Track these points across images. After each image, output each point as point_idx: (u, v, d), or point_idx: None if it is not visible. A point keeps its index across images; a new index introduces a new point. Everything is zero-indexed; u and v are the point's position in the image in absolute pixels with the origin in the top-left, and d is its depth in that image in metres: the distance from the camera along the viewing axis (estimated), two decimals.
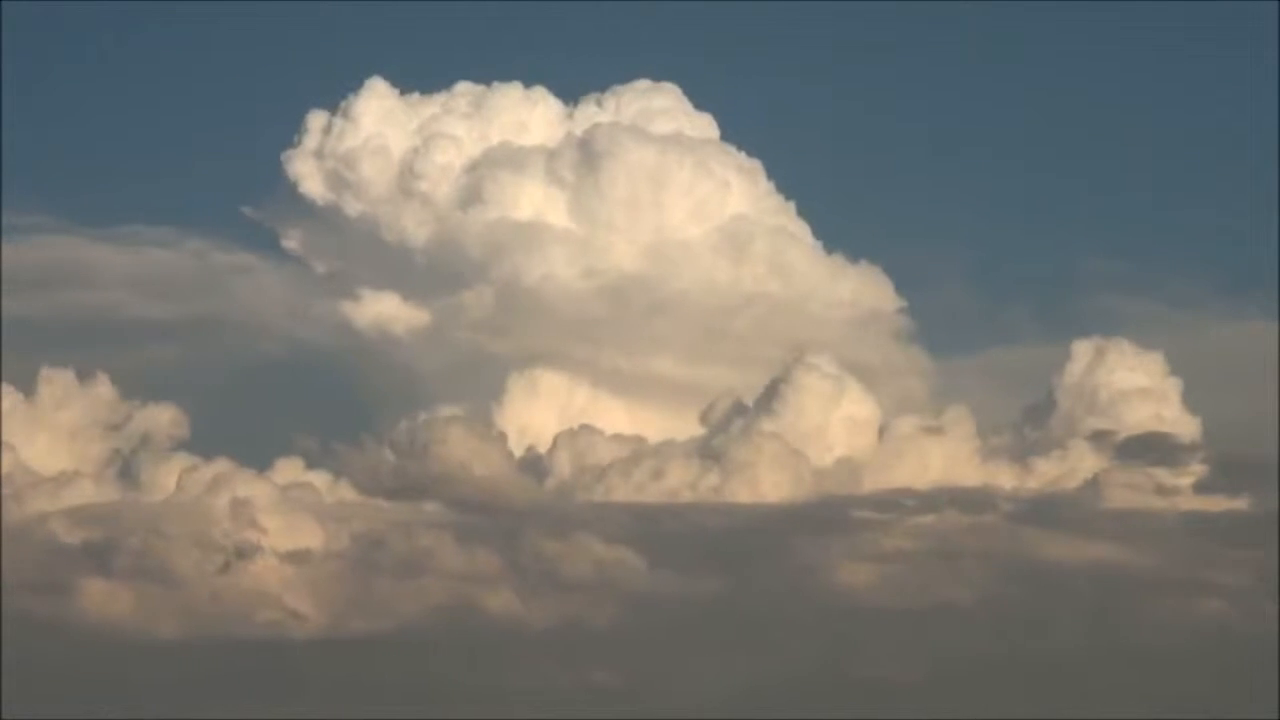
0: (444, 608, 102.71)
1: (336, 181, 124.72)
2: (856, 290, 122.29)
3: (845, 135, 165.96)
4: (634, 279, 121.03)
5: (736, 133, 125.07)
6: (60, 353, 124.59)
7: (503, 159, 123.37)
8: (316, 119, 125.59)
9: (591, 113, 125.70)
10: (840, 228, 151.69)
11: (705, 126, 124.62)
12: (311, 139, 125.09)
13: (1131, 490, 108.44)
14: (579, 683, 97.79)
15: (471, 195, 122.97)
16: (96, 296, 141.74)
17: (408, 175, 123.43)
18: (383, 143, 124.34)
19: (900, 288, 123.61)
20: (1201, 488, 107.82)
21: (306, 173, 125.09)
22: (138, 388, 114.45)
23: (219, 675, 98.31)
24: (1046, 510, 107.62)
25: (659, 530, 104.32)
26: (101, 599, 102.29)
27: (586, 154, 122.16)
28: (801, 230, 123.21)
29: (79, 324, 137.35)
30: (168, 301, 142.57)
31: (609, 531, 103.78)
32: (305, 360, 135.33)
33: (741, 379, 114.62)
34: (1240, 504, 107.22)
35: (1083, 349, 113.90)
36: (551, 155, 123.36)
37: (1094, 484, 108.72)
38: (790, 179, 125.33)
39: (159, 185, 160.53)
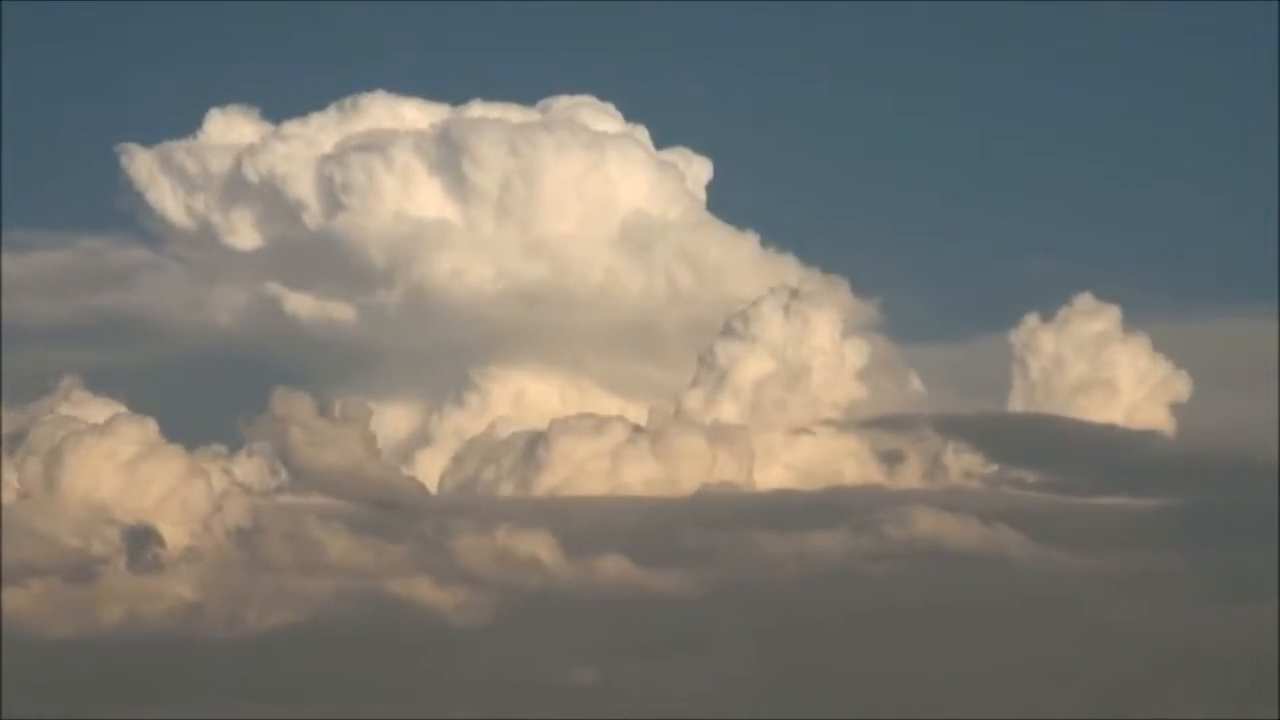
0: (361, 600, 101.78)
1: (215, 183, 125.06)
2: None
3: (792, 133, 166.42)
4: (547, 280, 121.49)
5: (671, 134, 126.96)
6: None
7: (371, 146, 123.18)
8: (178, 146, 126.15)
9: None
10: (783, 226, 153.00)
11: (638, 133, 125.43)
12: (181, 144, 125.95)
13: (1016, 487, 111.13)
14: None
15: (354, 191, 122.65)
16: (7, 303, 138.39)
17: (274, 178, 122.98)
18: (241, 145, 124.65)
19: (856, 288, 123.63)
20: (1114, 486, 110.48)
21: (185, 177, 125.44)
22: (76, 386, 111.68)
23: (127, 673, 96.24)
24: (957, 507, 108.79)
25: (581, 524, 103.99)
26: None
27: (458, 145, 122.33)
28: (733, 227, 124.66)
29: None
30: (80, 301, 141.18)
31: (531, 523, 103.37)
32: (227, 352, 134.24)
33: (671, 376, 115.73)
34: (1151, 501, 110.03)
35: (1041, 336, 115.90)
36: (420, 140, 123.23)
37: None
38: (737, 181, 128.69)
39: (29, 190, 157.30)
